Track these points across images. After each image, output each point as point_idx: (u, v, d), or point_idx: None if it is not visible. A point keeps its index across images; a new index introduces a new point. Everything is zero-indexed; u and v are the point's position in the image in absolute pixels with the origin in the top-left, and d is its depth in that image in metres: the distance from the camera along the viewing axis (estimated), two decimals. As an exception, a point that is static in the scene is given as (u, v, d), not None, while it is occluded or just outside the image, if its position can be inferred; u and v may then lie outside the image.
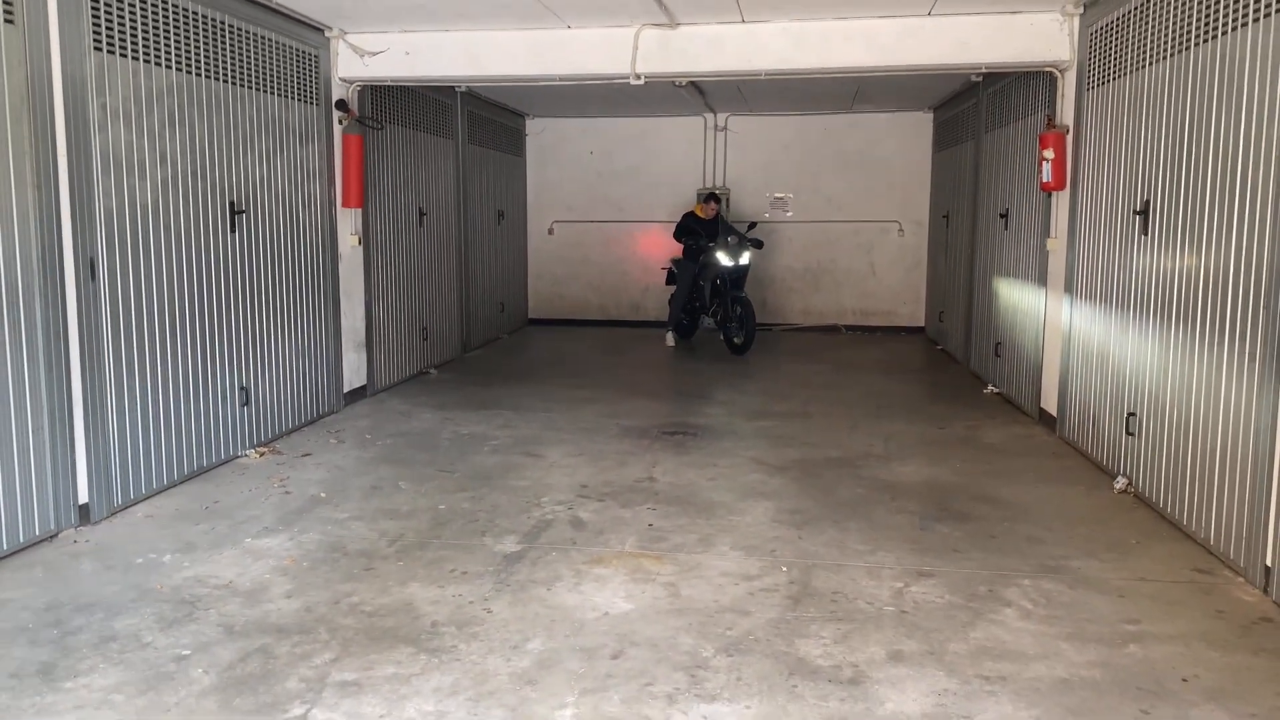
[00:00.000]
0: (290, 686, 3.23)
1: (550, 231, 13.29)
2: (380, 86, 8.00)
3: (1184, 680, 3.30)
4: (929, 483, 5.73)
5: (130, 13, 5.11)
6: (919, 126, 12.38)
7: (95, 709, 3.08)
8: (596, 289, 13.30)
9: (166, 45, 5.41)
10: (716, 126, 12.72)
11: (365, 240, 8.01)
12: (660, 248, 12.62)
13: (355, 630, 3.67)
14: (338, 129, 7.51)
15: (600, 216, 13.13)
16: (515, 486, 5.59)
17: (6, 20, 4.33)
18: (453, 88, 9.79)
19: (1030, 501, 5.38)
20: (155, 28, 5.32)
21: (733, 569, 4.31)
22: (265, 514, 5.09)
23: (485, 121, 11.20)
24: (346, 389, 7.77)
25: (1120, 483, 5.53)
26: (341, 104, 7.52)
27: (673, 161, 12.87)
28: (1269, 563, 3.97)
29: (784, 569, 4.32)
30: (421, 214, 9.26)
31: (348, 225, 7.74)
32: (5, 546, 4.38)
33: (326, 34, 7.30)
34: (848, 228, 12.75)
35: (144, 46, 5.23)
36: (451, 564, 4.37)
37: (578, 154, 13.09)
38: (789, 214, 12.77)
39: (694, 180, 12.82)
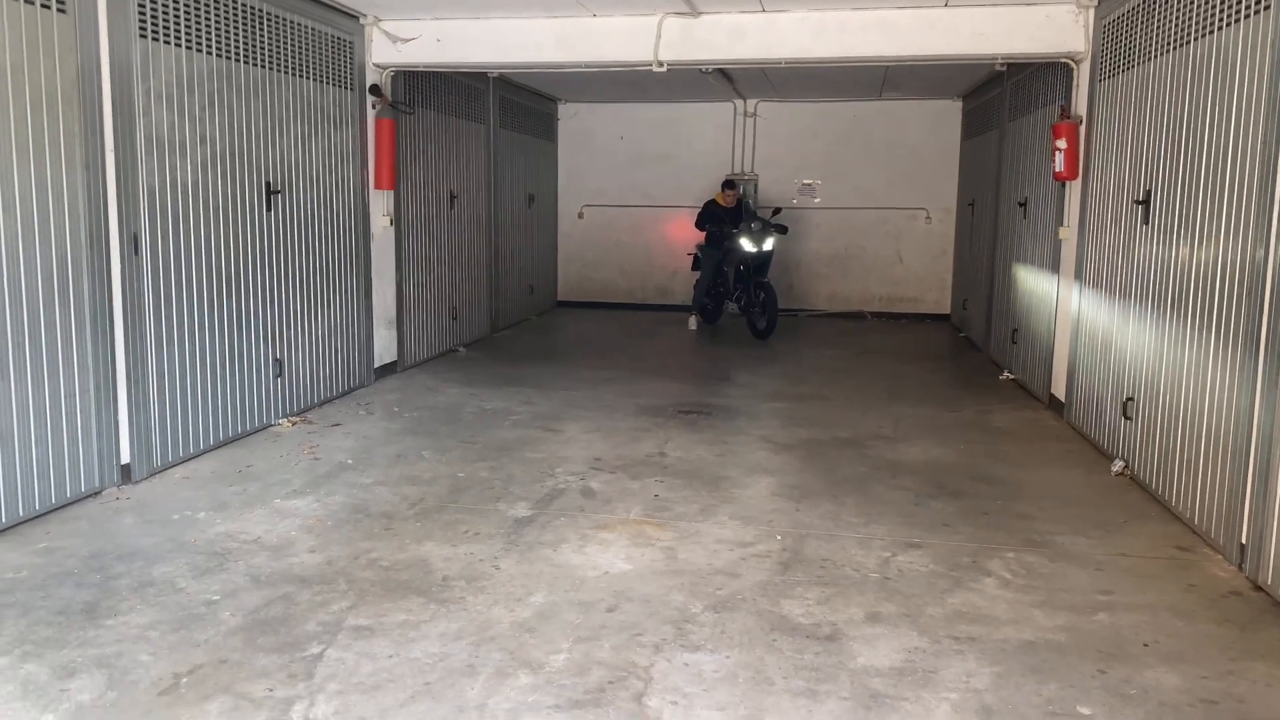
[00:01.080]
0: (309, 629, 3.51)
1: (580, 215, 13.53)
2: (413, 72, 8.26)
3: (1145, 645, 3.49)
4: (931, 463, 5.91)
5: (174, 1, 5.40)
6: (948, 114, 12.45)
7: (133, 643, 3.38)
8: (624, 272, 13.53)
9: (207, 32, 5.70)
10: (746, 113, 12.88)
11: (397, 221, 8.30)
12: (688, 233, 12.78)
13: (372, 582, 3.95)
14: (371, 113, 7.79)
15: (630, 201, 13.34)
16: (532, 458, 5.86)
17: (59, 10, 4.63)
18: (484, 73, 10.03)
19: (1027, 482, 5.56)
20: (197, 15, 5.61)
21: (729, 536, 4.55)
22: (294, 478, 5.40)
23: (517, 106, 11.45)
24: (377, 364, 8.08)
25: (1117, 466, 5.68)
26: (375, 89, 7.79)
27: (702, 147, 13.04)
28: (1244, 540, 4.13)
29: (778, 538, 4.55)
30: (453, 197, 9.54)
31: (380, 206, 8.02)
32: (54, 501, 4.71)
33: (361, 21, 7.58)
34: (875, 214, 12.86)
35: (186, 33, 5.52)
36: (466, 526, 4.64)
37: (609, 139, 13.30)
38: (817, 200, 12.91)
39: (723, 166, 13.00)
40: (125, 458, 5.18)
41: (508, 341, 10.51)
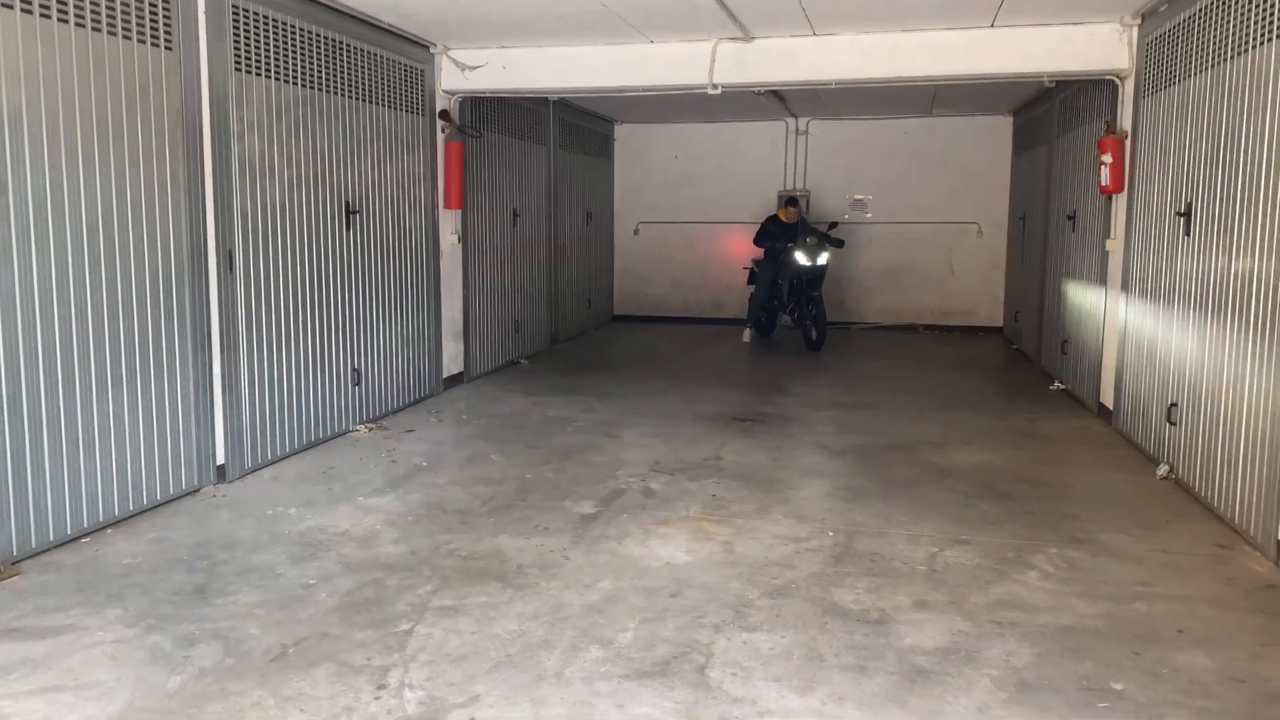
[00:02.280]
0: (398, 609, 3.85)
1: (636, 232, 13.88)
2: (479, 97, 8.66)
3: (1179, 631, 3.69)
4: (980, 466, 6.12)
5: (266, 37, 5.84)
6: (999, 130, 12.61)
7: (242, 619, 3.74)
8: (679, 287, 13.84)
9: (294, 64, 6.13)
10: (797, 130, 13.15)
11: (464, 239, 8.70)
12: (741, 247, 13.08)
13: (452, 569, 4.28)
14: (440, 137, 8.20)
15: (684, 217, 13.67)
16: (594, 461, 6.17)
17: (167, 47, 5.07)
18: (545, 97, 10.42)
19: (1073, 484, 5.75)
20: (287, 48, 6.04)
21: (784, 533, 4.81)
22: (374, 478, 5.77)
23: (575, 128, 11.84)
24: (445, 374, 8.46)
25: (1162, 469, 5.84)
26: (444, 114, 8.21)
27: (754, 164, 13.34)
28: (1280, 536, 4.31)
29: (830, 534, 4.80)
30: (515, 215, 9.93)
31: (448, 225, 8.43)
32: (159, 497, 5.13)
33: (431, 50, 8.00)
34: (927, 229, 13.04)
35: (276, 65, 5.96)
36: (535, 521, 4.96)
37: (663, 158, 13.65)
38: (869, 215, 13.12)
39: (775, 182, 13.27)
40: (220, 459, 5.59)
41: (567, 353, 10.87)
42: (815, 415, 7.64)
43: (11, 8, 4.17)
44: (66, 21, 4.44)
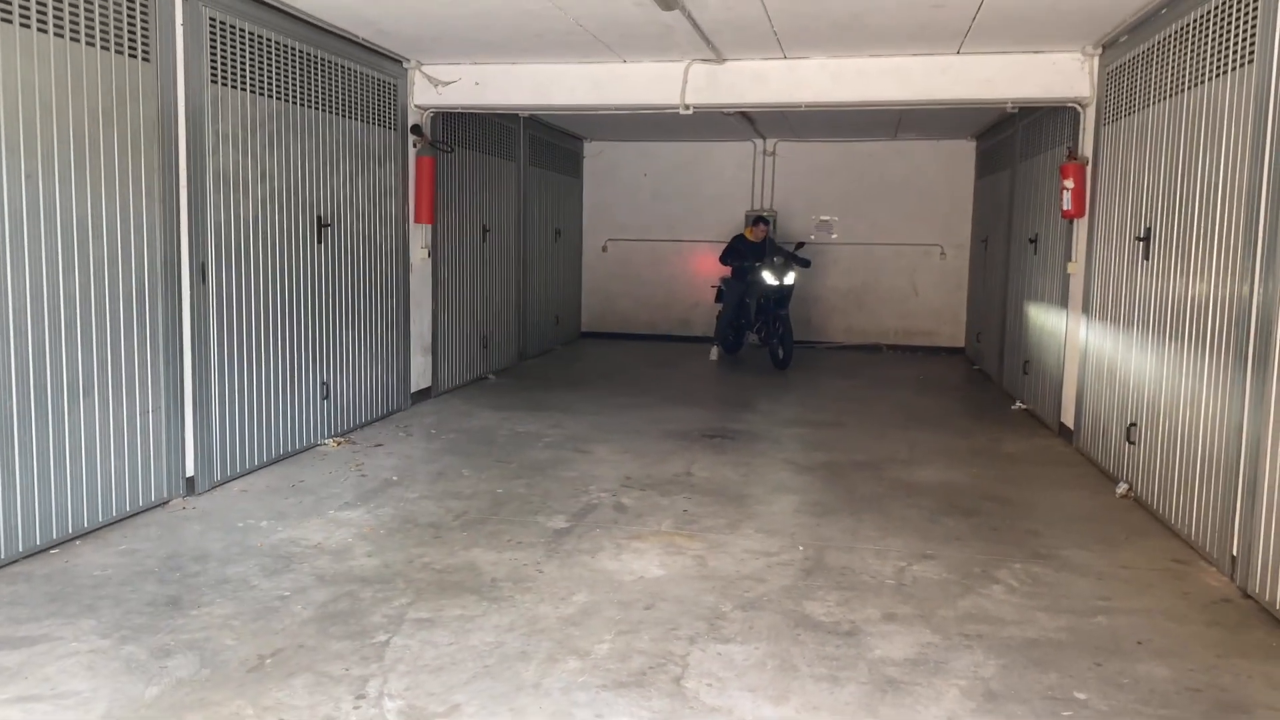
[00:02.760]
0: (375, 621, 3.86)
1: (604, 249, 13.96)
2: (451, 113, 8.70)
3: (1139, 643, 3.80)
4: (945, 484, 6.23)
5: (242, 50, 5.85)
6: (962, 153, 12.85)
7: (217, 630, 3.74)
8: (646, 305, 13.93)
9: (268, 77, 6.15)
10: (765, 151, 13.32)
11: (434, 254, 8.72)
12: (709, 266, 13.22)
13: (427, 582, 4.30)
14: (412, 151, 8.23)
15: (652, 235, 13.78)
16: (565, 476, 6.21)
17: (145, 59, 5.08)
18: (515, 113, 10.48)
19: (1036, 502, 5.87)
20: (261, 62, 6.06)
21: (755, 547, 4.88)
22: (345, 492, 5.76)
23: (545, 145, 11.91)
24: (413, 389, 8.46)
25: (1121, 488, 5.99)
26: (416, 129, 8.25)
27: (722, 184, 13.49)
28: (1234, 552, 4.44)
29: (800, 548, 4.88)
30: (485, 231, 9.97)
31: (419, 239, 8.45)
32: (128, 509, 5.10)
33: (405, 65, 8.04)
34: (891, 250, 13.24)
35: (251, 79, 5.97)
36: (508, 535, 4.99)
37: (632, 176, 13.76)
38: (834, 236, 13.30)
39: (743, 202, 13.42)
40: (190, 471, 5.56)
41: (535, 369, 10.90)
42: (783, 432, 7.73)
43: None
44: (46, 31, 4.44)
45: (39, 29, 4.40)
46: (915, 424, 8.24)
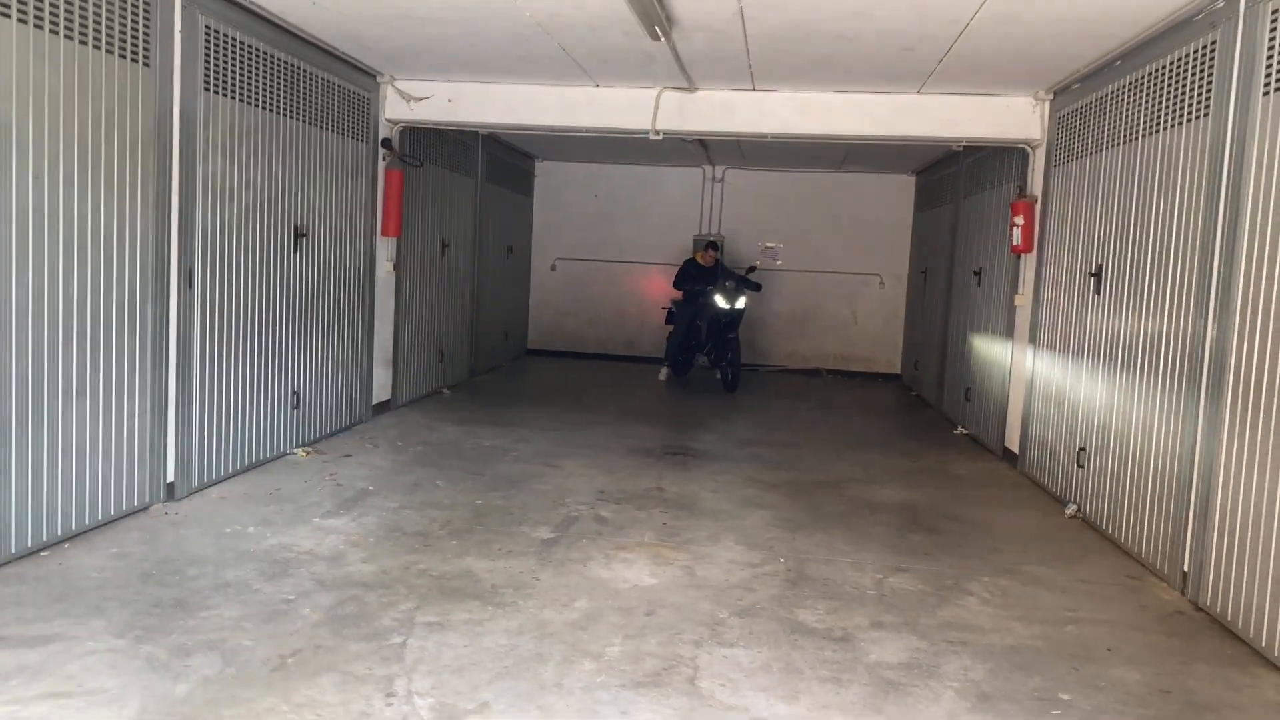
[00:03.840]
0: (385, 624, 3.95)
1: (553, 268, 14.10)
2: (416, 127, 8.78)
3: (1108, 650, 4.08)
4: (904, 503, 6.51)
5: (233, 58, 5.89)
6: (902, 188, 13.34)
7: (231, 630, 3.78)
8: (593, 324, 14.10)
9: (257, 87, 6.19)
10: (714, 178, 13.64)
11: (398, 267, 8.77)
12: (657, 287, 13.51)
13: (428, 588, 4.39)
14: (381, 164, 8.29)
15: (601, 256, 13.97)
16: (540, 489, 6.32)
17: (145, 64, 5.10)
18: (475, 130, 10.58)
19: (992, 521, 6.18)
20: (251, 72, 6.10)
21: (738, 558, 5.07)
22: (324, 500, 5.80)
23: (501, 162, 12.03)
24: (374, 401, 8.48)
25: (1070, 509, 6.34)
26: (386, 142, 8.31)
27: (671, 208, 13.76)
28: (1186, 568, 4.77)
29: (781, 560, 5.08)
30: (444, 245, 10.04)
31: (385, 252, 8.50)
32: (112, 513, 5.07)
33: (378, 79, 8.11)
34: (832, 278, 13.65)
35: (241, 87, 6.00)
36: (498, 544, 5.09)
37: (582, 196, 13.94)
38: (779, 262, 13.65)
39: (691, 226, 13.71)
40: (170, 476, 5.54)
41: (488, 385, 10.96)
42: (741, 452, 7.95)
43: (9, 16, 4.17)
44: (57, 33, 4.46)
45: (51, 30, 4.42)
46: (866, 446, 8.55)
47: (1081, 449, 6.30)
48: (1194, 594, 4.68)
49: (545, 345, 14.13)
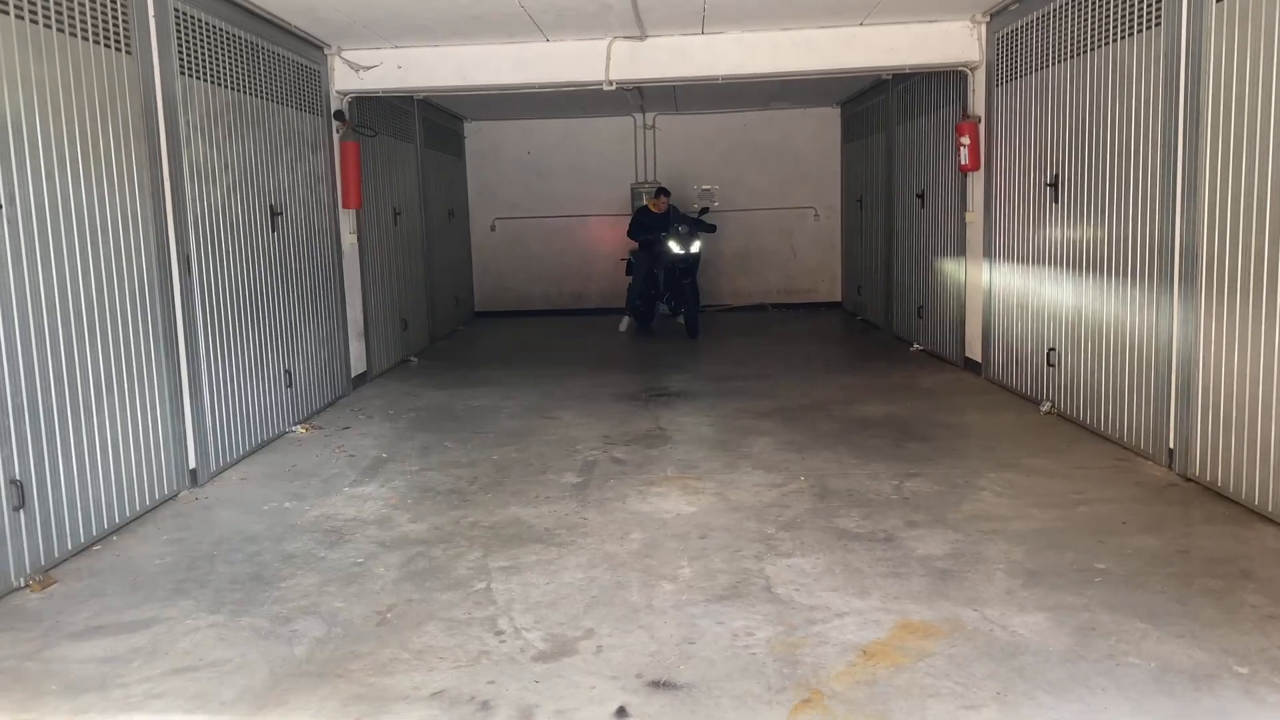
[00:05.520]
0: (462, 573, 4.12)
1: (492, 228, 14.11)
2: (365, 98, 8.73)
3: (1123, 523, 4.48)
4: (890, 416, 6.87)
5: (200, 40, 5.84)
6: (828, 120, 13.67)
7: (317, 596, 3.92)
8: (539, 281, 14.19)
9: (223, 68, 6.14)
10: (645, 125, 13.76)
11: (360, 238, 8.77)
12: (600, 239, 13.67)
13: (487, 537, 4.57)
14: (336, 136, 8.25)
15: (540, 212, 14.02)
16: (548, 440, 6.51)
17: (127, 51, 5.05)
18: (410, 96, 10.50)
19: (975, 424, 6.59)
20: (217, 53, 6.05)
21: (761, 481, 5.35)
22: (345, 471, 5.90)
23: (434, 125, 11.97)
24: (353, 374, 8.52)
25: (1045, 406, 6.78)
26: (339, 114, 8.27)
27: (605, 159, 13.86)
28: (1171, 445, 5.21)
29: (801, 478, 5.38)
30: (396, 214, 10.02)
31: (347, 225, 8.49)
32: (148, 503, 5.11)
33: (325, 51, 8.05)
34: (769, 214, 13.95)
35: (211, 69, 5.96)
36: (532, 493, 5.28)
37: (515, 154, 13.94)
38: (715, 204, 13.88)
39: (627, 175, 13.84)
40: (191, 462, 5.58)
41: (450, 350, 11.03)
42: (720, 387, 8.22)
43: (6, 12, 4.12)
44: (50, 26, 4.41)
45: (45, 24, 4.37)
46: (834, 370, 8.92)
47: (1051, 349, 6.72)
48: (1182, 467, 5.12)
49: (493, 307, 14.17)
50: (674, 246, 11.26)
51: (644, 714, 2.94)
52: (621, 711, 2.95)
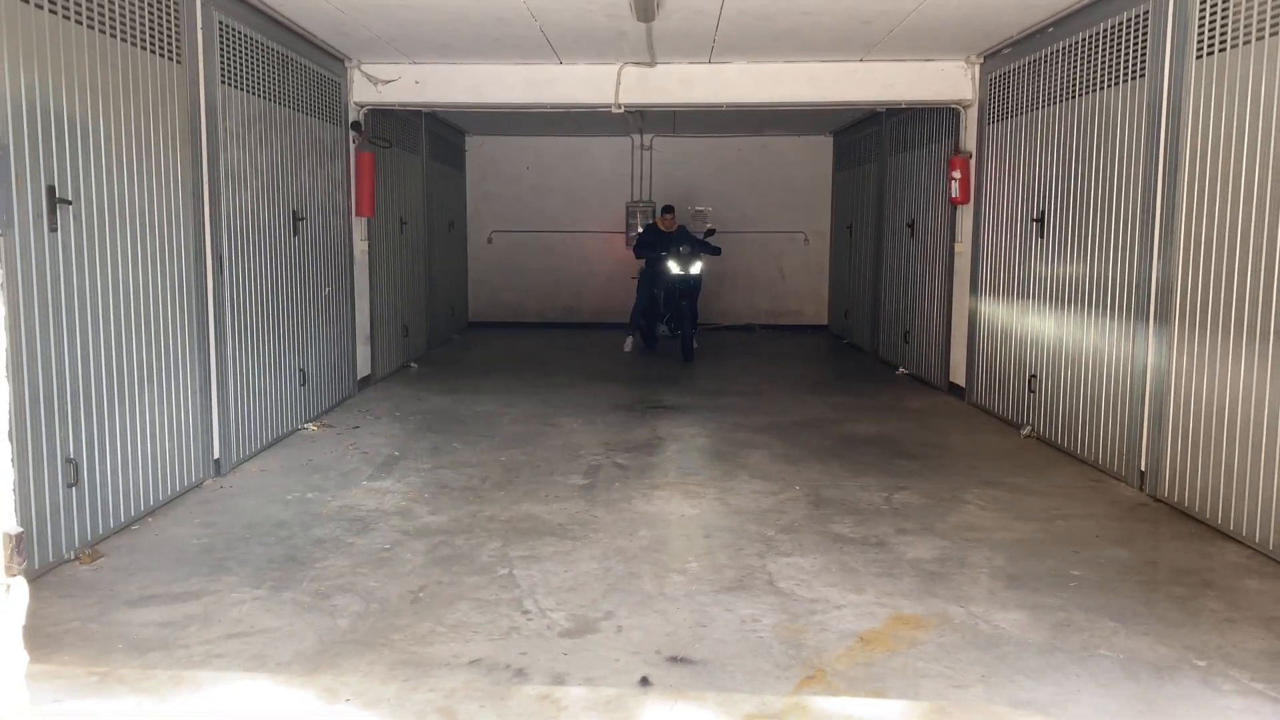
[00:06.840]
0: (485, 560, 4.42)
1: (489, 241, 14.43)
2: (380, 110, 9.03)
3: (1097, 536, 4.84)
4: (880, 435, 7.22)
5: (239, 51, 6.14)
6: (820, 148, 14.09)
7: (351, 576, 4.20)
8: (532, 294, 14.50)
9: (258, 78, 6.44)
10: (642, 146, 14.14)
11: (370, 245, 9.05)
12: (594, 255, 14.03)
13: (505, 530, 4.86)
14: (353, 147, 8.55)
15: (536, 227, 14.35)
16: (552, 445, 6.81)
17: (177, 60, 5.35)
18: (419, 110, 10.79)
19: (960, 445, 6.94)
20: (252, 61, 6.35)
21: (759, 489, 5.68)
22: (361, 466, 6.17)
23: (438, 139, 12.28)
24: (359, 377, 8.78)
25: (1026, 429, 7.15)
26: (356, 125, 8.58)
27: (602, 177, 14.23)
28: (1143, 468, 5.58)
29: (797, 488, 5.71)
30: (402, 223, 10.32)
31: (360, 232, 8.78)
32: (177, 489, 5.37)
33: (346, 64, 8.36)
34: (759, 237, 14.34)
35: (247, 79, 6.26)
36: (542, 492, 5.58)
37: (514, 169, 14.27)
38: (708, 225, 14.23)
39: (622, 194, 14.21)
40: (216, 453, 5.84)
41: (448, 358, 11.31)
42: (714, 402, 8.55)
43: (80, 22, 4.42)
44: (115, 36, 4.71)
45: (111, 34, 4.66)
46: (822, 390, 9.27)
47: (1033, 376, 7.09)
48: (1152, 488, 5.48)
49: (486, 318, 14.46)
50: (673, 266, 11.30)
51: (666, 684, 3.25)
52: (645, 680, 3.26)
